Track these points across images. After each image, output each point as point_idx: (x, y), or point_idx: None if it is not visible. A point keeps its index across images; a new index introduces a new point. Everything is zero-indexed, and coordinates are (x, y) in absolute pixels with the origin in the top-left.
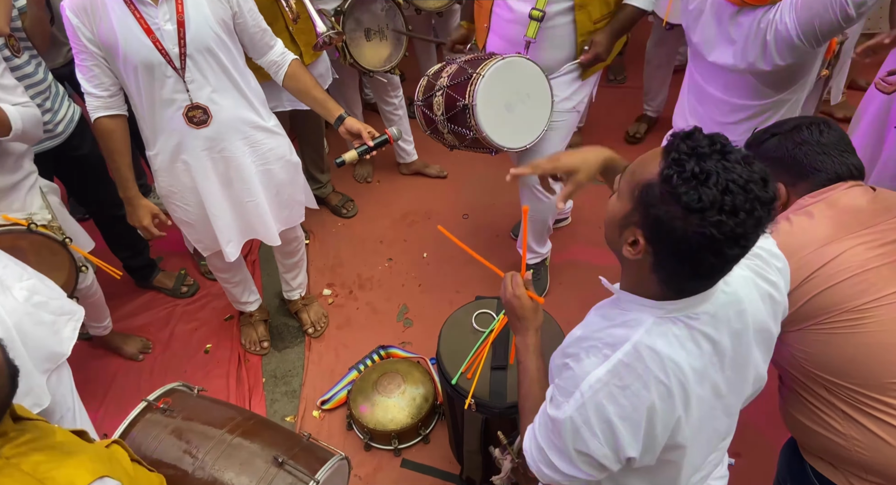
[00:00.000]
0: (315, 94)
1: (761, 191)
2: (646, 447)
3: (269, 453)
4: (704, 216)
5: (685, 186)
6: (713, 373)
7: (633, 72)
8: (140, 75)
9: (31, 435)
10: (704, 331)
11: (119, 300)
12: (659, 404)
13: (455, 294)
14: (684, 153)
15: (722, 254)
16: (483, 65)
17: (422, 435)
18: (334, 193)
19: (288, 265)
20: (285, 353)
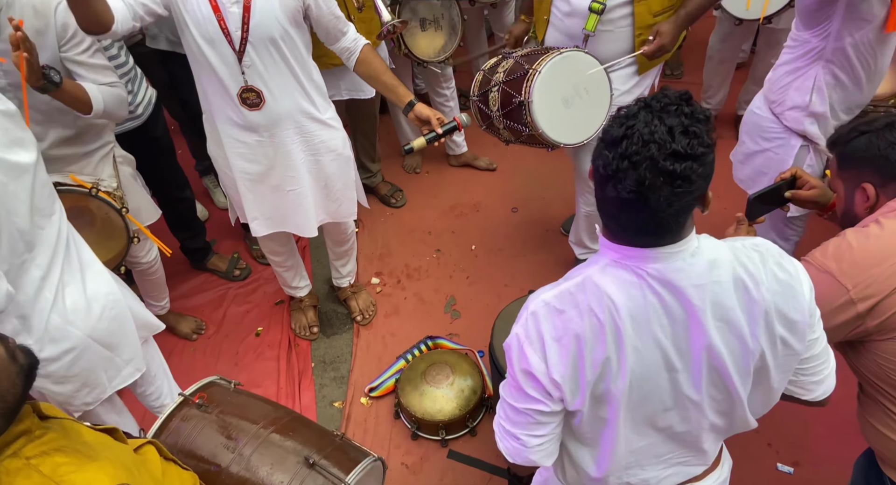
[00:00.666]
0: (385, 79)
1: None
2: (572, 379)
3: (302, 453)
4: (601, 150)
5: (612, 123)
6: (657, 330)
7: (690, 67)
8: (201, 46)
9: (56, 434)
10: (651, 284)
11: (174, 280)
12: (589, 335)
13: (503, 288)
14: (641, 101)
15: (602, 191)
16: (540, 60)
17: (469, 427)
18: (383, 182)
19: (338, 253)
20: (334, 339)
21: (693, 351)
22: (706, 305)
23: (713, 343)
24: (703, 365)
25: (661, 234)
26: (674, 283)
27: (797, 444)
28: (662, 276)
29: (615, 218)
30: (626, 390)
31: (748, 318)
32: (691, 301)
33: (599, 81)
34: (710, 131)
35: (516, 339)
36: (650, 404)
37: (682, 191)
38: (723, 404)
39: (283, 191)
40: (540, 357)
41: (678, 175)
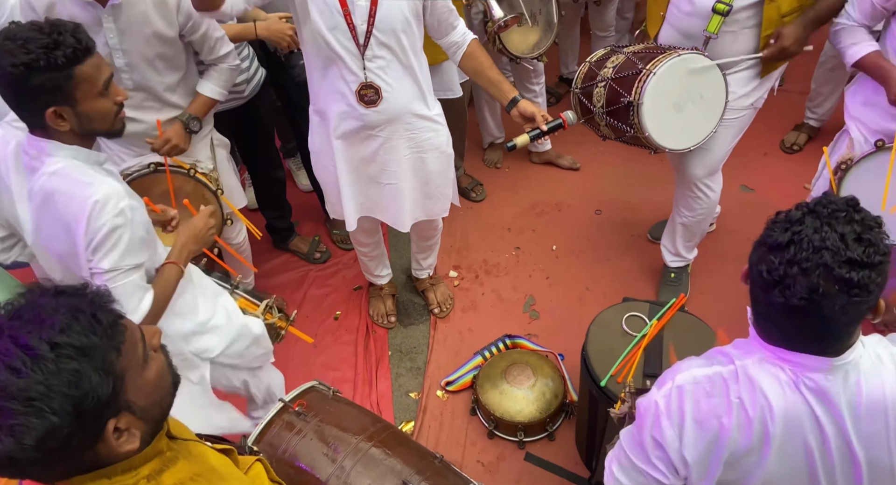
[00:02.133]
0: (490, 74)
1: (837, 250)
2: (701, 464)
3: (402, 474)
4: (764, 254)
5: (773, 228)
6: (809, 438)
7: (793, 73)
8: (324, 40)
9: (187, 462)
10: (805, 394)
11: (257, 259)
12: (733, 429)
13: (585, 291)
14: (805, 207)
15: (766, 296)
16: (655, 60)
17: (548, 431)
18: (464, 175)
19: (422, 247)
20: (410, 329)
21: (837, 464)
22: (861, 425)
23: (858, 461)
24: (846, 475)
25: (829, 341)
26: (830, 398)
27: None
28: (819, 387)
29: (779, 324)
30: (759, 483)
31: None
32: (844, 419)
33: (716, 86)
34: (884, 239)
35: (654, 407)
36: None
37: (860, 300)
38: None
39: (380, 183)
40: (676, 433)
41: (855, 284)
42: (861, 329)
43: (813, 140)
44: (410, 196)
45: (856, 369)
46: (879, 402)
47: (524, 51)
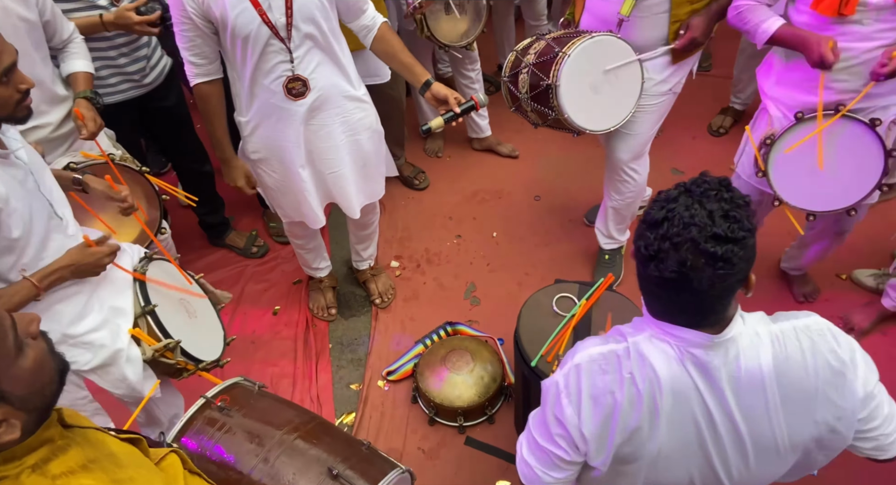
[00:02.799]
0: (403, 57)
1: (704, 226)
2: (600, 438)
3: (326, 463)
4: (642, 231)
5: (653, 206)
6: (696, 409)
7: (719, 60)
8: (247, 46)
9: (81, 449)
10: (689, 368)
11: (191, 256)
12: (625, 404)
13: (525, 276)
14: (681, 186)
15: (644, 270)
16: (570, 43)
17: (487, 415)
18: (406, 164)
19: (361, 236)
20: (352, 321)
21: (724, 437)
22: (741, 399)
23: (742, 436)
24: (733, 449)
25: (704, 314)
26: (711, 373)
27: None
28: (701, 362)
29: (657, 297)
30: (654, 457)
31: (787, 411)
32: (725, 394)
33: (630, 68)
34: (751, 216)
35: (555, 386)
36: (676, 471)
37: (724, 273)
38: (746, 480)
39: (323, 174)
40: (574, 410)
41: (720, 257)
42: (738, 304)
43: (738, 123)
44: (353, 181)
45: (735, 344)
46: (757, 376)
47: (452, 39)
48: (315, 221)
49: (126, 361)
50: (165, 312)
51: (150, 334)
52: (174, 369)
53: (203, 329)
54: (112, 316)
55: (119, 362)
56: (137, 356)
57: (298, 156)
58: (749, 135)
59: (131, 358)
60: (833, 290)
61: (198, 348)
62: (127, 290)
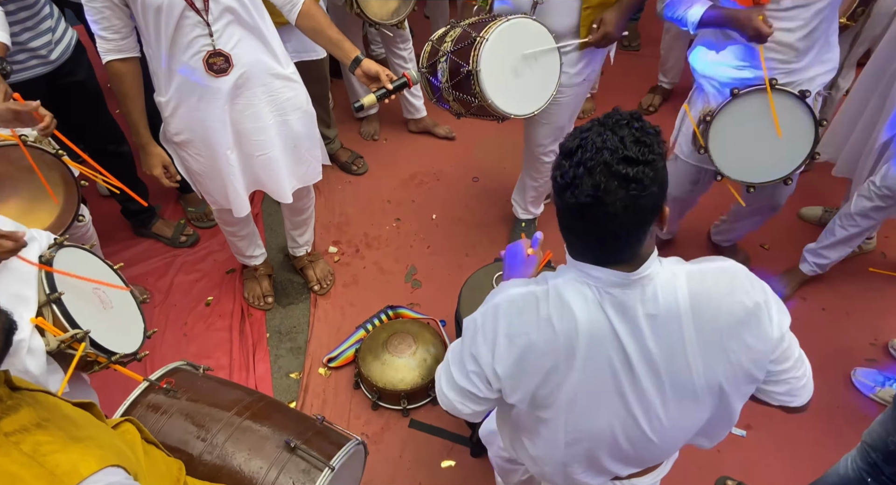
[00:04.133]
0: (330, 33)
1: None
2: (513, 377)
3: (281, 437)
4: (559, 161)
5: (567, 138)
6: (611, 351)
7: (647, 39)
8: (160, 18)
9: (33, 409)
10: (606, 308)
11: (115, 247)
12: (541, 343)
13: (465, 257)
14: (595, 120)
15: (561, 200)
16: (487, 27)
17: (431, 396)
18: (343, 149)
19: (296, 222)
20: (290, 309)
21: (642, 379)
22: (659, 335)
23: (661, 375)
24: (652, 392)
25: (619, 249)
26: (629, 311)
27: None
28: (619, 302)
29: (574, 229)
30: (570, 401)
31: (703, 348)
32: (643, 332)
33: (549, 50)
34: (660, 143)
35: (473, 323)
36: (595, 419)
37: (637, 194)
38: (668, 428)
39: (251, 156)
40: (489, 349)
41: (631, 178)
42: (655, 245)
43: (667, 101)
44: (284, 164)
45: (652, 282)
46: (674, 313)
47: (383, 17)
48: (240, 208)
49: (27, 353)
50: (74, 302)
51: (55, 324)
52: (84, 362)
53: (119, 321)
54: (13, 304)
55: (20, 354)
56: (40, 347)
57: (225, 137)
58: (688, 112)
59: (33, 349)
60: (757, 259)
61: (111, 340)
62: (32, 278)
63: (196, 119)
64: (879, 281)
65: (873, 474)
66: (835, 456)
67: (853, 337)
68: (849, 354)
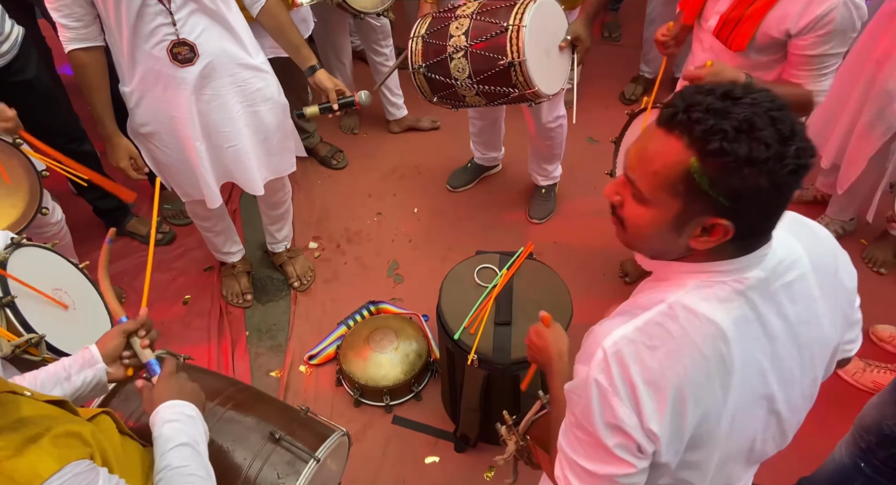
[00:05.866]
0: (290, 35)
1: (782, 102)
2: (672, 429)
3: (265, 428)
4: (781, 155)
5: (742, 146)
6: (758, 352)
7: (628, 30)
8: (120, 7)
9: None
10: (751, 297)
11: (89, 246)
12: (692, 374)
13: (447, 251)
14: (703, 120)
15: (798, 183)
16: (515, 14)
17: (414, 392)
18: (322, 143)
19: (273, 217)
20: (269, 306)
21: (789, 365)
22: (796, 302)
23: (802, 343)
24: (796, 372)
25: (778, 221)
26: (768, 289)
27: None
28: (762, 284)
29: (762, 211)
30: (728, 428)
31: (831, 306)
32: (783, 304)
33: (560, 20)
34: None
35: (595, 387)
36: (743, 438)
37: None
38: (801, 409)
39: (220, 148)
40: (631, 408)
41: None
42: None
43: (649, 91)
44: (254, 156)
45: (772, 248)
46: (802, 272)
47: (367, 6)
48: (212, 200)
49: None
50: (29, 305)
51: (8, 329)
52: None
53: (82, 322)
54: None
55: None
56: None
57: (192, 129)
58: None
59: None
60: None
61: (71, 343)
62: None
63: (162, 110)
64: (860, 268)
65: (866, 458)
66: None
67: None
68: None
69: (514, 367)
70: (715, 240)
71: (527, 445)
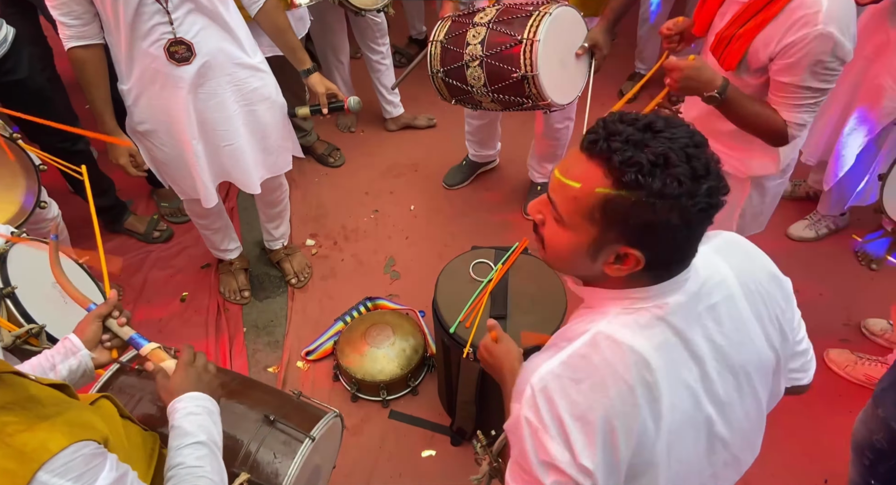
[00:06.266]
0: (287, 38)
1: (701, 139)
2: (606, 463)
3: (259, 413)
4: (693, 192)
5: (656, 181)
6: (686, 374)
7: (624, 28)
8: (118, 5)
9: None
10: (672, 322)
11: (87, 244)
12: (619, 404)
13: (444, 247)
14: (622, 151)
15: (709, 220)
16: (529, 27)
17: (411, 387)
18: (319, 141)
19: (270, 215)
20: (267, 303)
21: (722, 387)
22: (723, 324)
23: (734, 364)
24: (732, 393)
25: (694, 252)
26: (691, 311)
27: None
28: (683, 308)
29: (675, 241)
30: (666, 456)
31: (764, 327)
32: (708, 327)
33: (579, 32)
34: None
35: (527, 425)
36: (687, 464)
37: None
38: (747, 431)
39: (217, 147)
40: (562, 444)
41: (715, 160)
42: None
43: (646, 88)
44: (251, 155)
45: (696, 271)
46: (728, 293)
47: (368, 3)
48: (208, 199)
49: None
50: (30, 296)
51: (9, 319)
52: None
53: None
54: None
55: None
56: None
57: (189, 127)
58: None
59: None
60: None
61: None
62: None
63: (159, 108)
64: (851, 262)
65: (873, 474)
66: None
67: (826, 318)
68: (822, 335)
69: None
70: (627, 269)
71: (499, 467)
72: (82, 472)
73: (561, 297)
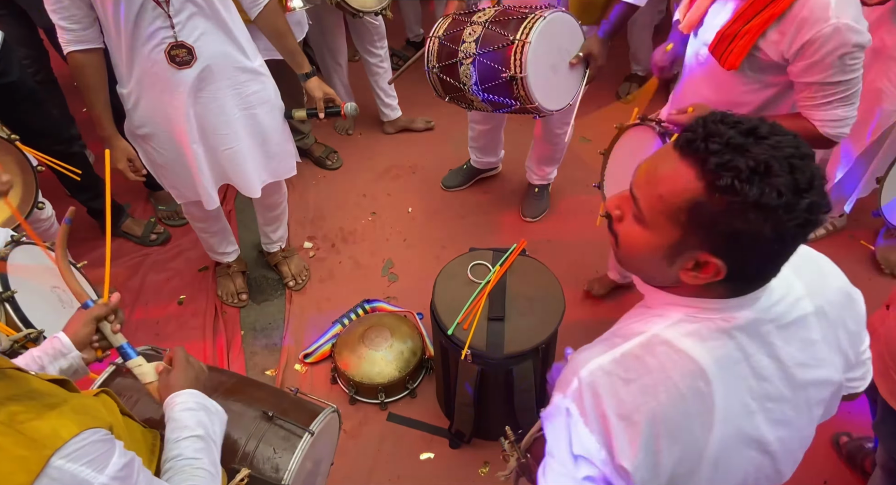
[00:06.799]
0: (287, 41)
1: (807, 151)
2: (647, 466)
3: (257, 410)
4: (792, 206)
5: (754, 189)
6: (745, 393)
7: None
8: (119, 9)
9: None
10: (737, 337)
11: (83, 247)
12: (668, 410)
13: (441, 249)
14: (720, 153)
15: (804, 237)
16: (523, 29)
17: (409, 389)
18: (317, 144)
19: (269, 218)
20: (265, 306)
21: (780, 406)
22: (793, 348)
23: (797, 384)
24: (790, 413)
25: (779, 270)
26: (759, 330)
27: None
28: (750, 324)
29: (767, 273)
30: (712, 469)
31: (833, 349)
32: (775, 347)
33: (578, 40)
34: None
35: (566, 416)
36: (730, 474)
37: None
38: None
39: (217, 151)
40: (600, 441)
41: (815, 174)
42: None
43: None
44: (251, 158)
45: (769, 287)
46: (801, 314)
47: (366, 5)
48: (209, 202)
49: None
50: (29, 300)
51: (8, 324)
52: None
53: None
54: None
55: None
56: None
57: (189, 131)
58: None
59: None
60: None
61: None
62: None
63: (159, 112)
64: (849, 263)
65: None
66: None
67: None
68: None
69: (507, 361)
70: (705, 277)
71: (527, 462)
72: (94, 457)
73: (559, 298)
